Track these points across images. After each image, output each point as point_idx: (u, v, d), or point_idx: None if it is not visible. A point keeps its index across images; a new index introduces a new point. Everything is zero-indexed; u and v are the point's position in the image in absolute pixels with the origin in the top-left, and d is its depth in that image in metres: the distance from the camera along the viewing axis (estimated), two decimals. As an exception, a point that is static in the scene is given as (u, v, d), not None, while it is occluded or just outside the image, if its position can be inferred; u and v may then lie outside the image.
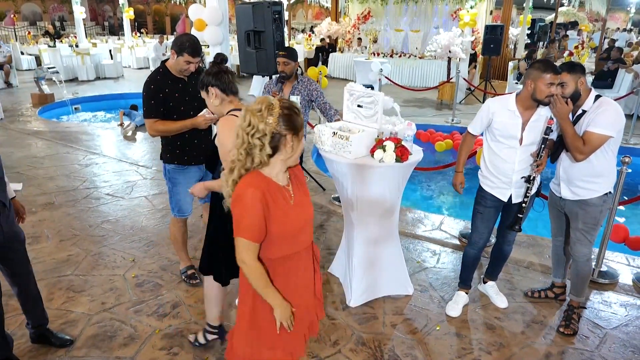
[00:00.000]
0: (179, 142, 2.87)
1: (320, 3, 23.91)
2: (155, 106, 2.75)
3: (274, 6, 4.29)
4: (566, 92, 2.53)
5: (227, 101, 2.20)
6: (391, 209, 2.91)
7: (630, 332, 2.80)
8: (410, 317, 2.88)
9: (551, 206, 2.93)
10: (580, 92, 2.55)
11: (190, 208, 3.12)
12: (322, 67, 10.38)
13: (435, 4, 13.43)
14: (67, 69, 12.64)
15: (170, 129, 2.80)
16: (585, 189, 2.62)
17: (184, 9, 24.30)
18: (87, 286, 3.15)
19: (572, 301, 2.85)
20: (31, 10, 23.52)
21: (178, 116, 2.81)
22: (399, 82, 11.34)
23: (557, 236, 2.99)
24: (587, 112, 2.54)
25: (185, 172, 2.95)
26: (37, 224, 4.06)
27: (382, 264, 3.01)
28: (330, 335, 2.70)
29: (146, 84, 2.77)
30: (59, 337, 2.59)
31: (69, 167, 5.63)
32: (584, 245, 2.72)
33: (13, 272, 2.38)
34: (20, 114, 8.58)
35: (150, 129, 2.81)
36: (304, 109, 3.36)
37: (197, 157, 2.93)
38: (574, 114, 2.60)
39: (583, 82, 2.55)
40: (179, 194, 3.00)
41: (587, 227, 2.69)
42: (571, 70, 2.54)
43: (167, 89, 2.76)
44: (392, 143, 2.63)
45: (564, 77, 2.53)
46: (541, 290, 3.13)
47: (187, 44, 2.69)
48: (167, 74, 2.79)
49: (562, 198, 2.75)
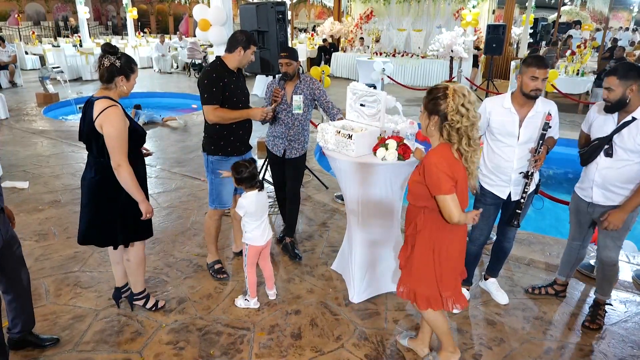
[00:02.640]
0: (225, 132, 3.03)
1: (322, 2, 23.93)
2: (217, 93, 2.93)
3: (277, 6, 4.33)
4: (610, 97, 2.47)
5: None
6: (393, 207, 2.96)
7: (629, 328, 2.83)
8: (411, 313, 2.92)
9: (575, 211, 2.89)
10: (629, 99, 2.44)
11: (230, 200, 3.22)
12: (324, 66, 10.41)
13: (438, 3, 13.43)
14: (71, 68, 12.73)
15: (230, 117, 2.99)
16: (619, 194, 2.59)
17: (187, 9, 24.36)
18: (93, 282, 3.20)
19: (598, 299, 2.88)
20: (35, 10, 23.63)
21: (229, 106, 3.00)
22: (402, 81, 11.36)
23: (575, 240, 2.97)
24: (638, 121, 2.46)
25: (228, 163, 3.06)
26: (44, 222, 4.12)
27: (384, 261, 3.05)
28: (333, 331, 2.75)
29: (207, 72, 2.94)
30: (44, 339, 2.57)
31: (74, 165, 5.70)
32: (612, 250, 2.72)
33: (10, 277, 2.33)
34: (26, 113, 8.66)
35: (211, 115, 2.95)
36: (307, 108, 3.40)
37: (239, 148, 3.13)
38: (620, 121, 2.53)
39: (634, 89, 2.42)
40: (221, 184, 3.12)
41: (618, 233, 2.67)
42: (622, 76, 2.41)
43: (225, 79, 2.95)
44: (394, 141, 2.67)
45: (611, 82, 2.45)
46: (542, 287, 3.16)
47: (249, 36, 3.00)
48: (224, 65, 2.98)
49: (592, 203, 2.70)
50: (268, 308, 2.96)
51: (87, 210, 2.53)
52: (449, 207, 1.97)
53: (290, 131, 3.43)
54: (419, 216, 2.12)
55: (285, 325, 2.79)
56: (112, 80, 2.39)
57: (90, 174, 2.50)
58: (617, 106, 2.49)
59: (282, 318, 2.86)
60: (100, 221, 2.53)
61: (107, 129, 2.33)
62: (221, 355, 2.53)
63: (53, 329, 2.71)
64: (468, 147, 1.96)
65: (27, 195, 4.74)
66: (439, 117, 1.96)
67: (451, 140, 1.97)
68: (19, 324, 2.46)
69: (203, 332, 2.72)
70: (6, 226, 2.26)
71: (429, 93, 2.01)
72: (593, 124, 2.69)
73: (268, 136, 3.59)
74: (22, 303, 2.43)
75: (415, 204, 2.14)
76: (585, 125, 2.79)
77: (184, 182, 5.16)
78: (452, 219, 1.99)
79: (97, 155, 2.43)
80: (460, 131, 1.94)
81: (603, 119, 2.61)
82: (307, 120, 3.49)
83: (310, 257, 3.60)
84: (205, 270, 3.38)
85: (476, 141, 1.99)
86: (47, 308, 2.90)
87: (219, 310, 2.93)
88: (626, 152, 2.52)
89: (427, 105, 2.00)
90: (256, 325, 2.79)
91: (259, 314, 2.89)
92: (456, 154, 1.98)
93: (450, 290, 2.19)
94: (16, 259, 2.35)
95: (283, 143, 3.48)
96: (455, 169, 1.97)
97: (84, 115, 2.42)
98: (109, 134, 2.33)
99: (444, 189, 1.95)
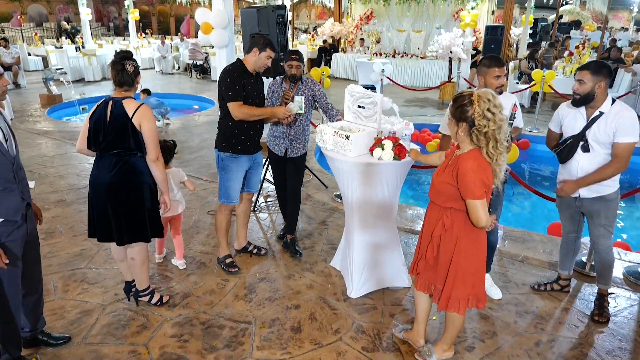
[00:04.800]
0: (236, 130, 3.15)
1: (323, 3, 24.03)
2: (240, 91, 3.06)
3: (278, 10, 4.43)
4: (580, 90, 2.64)
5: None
6: (390, 205, 3.06)
7: (618, 322, 2.93)
8: (408, 308, 3.02)
9: (563, 207, 3.03)
10: (596, 94, 2.62)
11: (237, 196, 3.36)
12: (324, 67, 10.51)
13: (437, 4, 13.52)
14: (74, 69, 12.84)
15: (255, 113, 3.13)
16: (603, 185, 2.73)
17: (188, 10, 24.48)
18: (100, 278, 3.31)
19: (601, 290, 2.98)
20: (37, 11, 23.78)
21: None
22: (402, 82, 11.46)
23: (569, 232, 3.09)
24: (605, 115, 2.62)
25: (237, 160, 3.22)
26: (51, 220, 4.22)
27: (381, 257, 3.15)
28: (332, 324, 2.85)
29: (229, 71, 3.07)
30: (56, 337, 2.62)
31: (78, 165, 5.81)
32: (606, 238, 2.86)
33: (26, 274, 2.35)
34: (30, 114, 8.77)
35: (237, 111, 3.06)
36: (308, 109, 3.50)
37: (249, 148, 3.25)
38: (590, 116, 2.68)
39: (602, 85, 2.60)
40: (230, 180, 3.26)
41: (608, 220, 2.82)
42: (594, 72, 2.59)
43: (244, 79, 3.09)
44: (390, 142, 2.78)
45: (584, 75, 2.61)
46: (547, 284, 3.25)
47: (268, 40, 3.10)
48: (243, 67, 3.12)
49: (578, 198, 2.84)
50: (269, 303, 3.06)
51: (109, 210, 2.60)
52: (478, 211, 2.04)
53: (291, 131, 3.53)
54: (446, 216, 2.18)
55: (285, 319, 2.89)
56: (134, 81, 2.56)
57: (107, 173, 2.55)
58: (584, 100, 2.65)
59: (282, 312, 2.96)
60: (130, 220, 2.63)
61: (146, 125, 2.51)
62: (224, 348, 2.64)
63: (62, 322, 2.82)
64: (495, 150, 2.04)
65: (33, 194, 4.77)
66: (467, 123, 2.04)
67: (480, 144, 2.05)
68: (29, 323, 2.51)
69: (206, 325, 2.82)
70: (32, 222, 2.36)
71: (455, 101, 2.09)
72: (564, 122, 2.84)
73: (269, 136, 3.69)
74: (34, 302, 2.49)
75: (441, 204, 2.20)
76: (555, 125, 2.93)
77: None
78: (480, 223, 2.07)
79: (135, 149, 2.55)
80: (487, 135, 2.02)
81: (573, 116, 2.77)
82: (307, 121, 3.60)
83: (310, 254, 3.70)
84: (208, 267, 3.48)
85: (503, 144, 2.07)
86: (55, 303, 3.01)
87: (221, 305, 3.03)
88: (600, 145, 2.67)
89: (455, 113, 2.08)
90: (257, 319, 2.89)
91: (260, 309, 2.99)
92: (486, 157, 2.07)
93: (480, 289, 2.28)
94: (34, 257, 2.43)
95: (284, 143, 3.57)
96: (489, 175, 2.06)
97: (107, 115, 2.50)
98: (150, 129, 2.52)
99: (477, 194, 2.02)
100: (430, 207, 2.31)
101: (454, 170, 2.11)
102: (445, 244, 2.22)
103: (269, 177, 5.08)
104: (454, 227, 2.18)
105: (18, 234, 2.20)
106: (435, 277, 2.31)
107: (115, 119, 2.50)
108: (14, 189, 2.17)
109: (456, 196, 2.11)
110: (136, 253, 2.79)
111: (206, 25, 5.72)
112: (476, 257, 2.22)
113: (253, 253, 3.66)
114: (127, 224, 2.63)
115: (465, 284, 2.22)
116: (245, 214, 3.59)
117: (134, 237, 2.69)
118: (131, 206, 2.62)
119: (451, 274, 2.22)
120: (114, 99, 2.54)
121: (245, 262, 3.56)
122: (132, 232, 2.66)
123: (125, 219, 2.62)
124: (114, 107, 2.51)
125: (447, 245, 2.21)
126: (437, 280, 2.31)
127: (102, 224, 2.66)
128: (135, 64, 2.58)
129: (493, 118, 2.00)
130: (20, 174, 2.23)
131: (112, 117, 2.50)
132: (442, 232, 2.21)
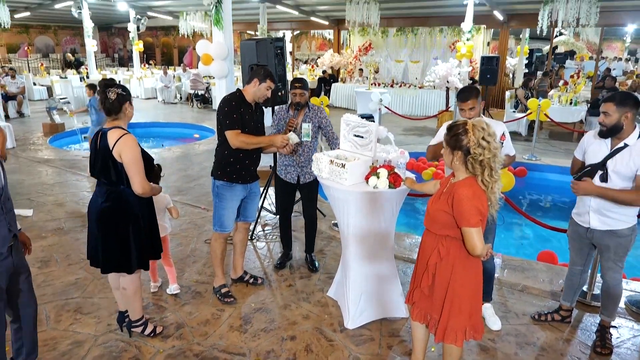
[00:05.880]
0: (231, 159, 3.17)
1: (323, 35, 24.62)
2: (237, 119, 3.09)
3: (276, 42, 4.54)
4: (606, 122, 2.62)
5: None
6: (387, 233, 3.04)
7: (621, 353, 2.86)
8: (406, 339, 2.96)
9: (573, 238, 2.99)
10: (623, 126, 2.58)
11: (232, 225, 3.35)
12: (324, 97, 10.70)
13: (434, 35, 13.88)
14: (78, 99, 13.07)
15: (252, 142, 3.14)
16: (615, 219, 2.69)
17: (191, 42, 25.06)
18: (93, 308, 3.26)
19: (604, 321, 2.93)
20: (44, 42, 24.35)
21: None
22: (400, 111, 11.61)
23: (576, 265, 3.05)
24: (630, 147, 2.59)
25: (232, 189, 3.22)
26: (47, 249, 4.20)
27: (378, 287, 3.12)
28: (328, 356, 2.79)
29: (227, 101, 3.12)
30: None
31: (77, 194, 5.81)
32: (616, 272, 2.81)
33: (18, 305, 2.33)
34: (32, 142, 8.86)
35: (234, 140, 3.09)
36: (314, 135, 3.59)
37: (245, 177, 3.25)
38: (613, 147, 2.66)
39: (629, 116, 2.56)
40: (224, 209, 3.25)
41: (618, 256, 2.77)
42: (619, 103, 2.56)
43: (242, 109, 3.13)
44: (386, 170, 2.79)
45: (609, 107, 2.59)
46: (548, 314, 3.19)
47: (268, 72, 3.15)
48: (242, 97, 3.16)
49: (589, 229, 2.81)
50: (264, 334, 3.00)
51: (98, 237, 2.63)
52: (474, 240, 2.03)
53: (300, 158, 3.61)
54: (442, 244, 2.17)
55: (280, 351, 2.83)
56: (121, 109, 2.56)
57: (99, 200, 2.60)
58: (611, 131, 2.63)
59: (277, 344, 2.90)
60: (113, 247, 2.62)
61: (125, 156, 2.48)
62: (217, 381, 2.57)
63: (53, 354, 2.76)
64: (490, 178, 2.06)
65: (31, 222, 4.84)
66: (462, 152, 2.06)
67: (475, 172, 2.07)
68: (23, 353, 2.46)
69: (200, 357, 2.76)
70: (19, 253, 2.30)
71: (449, 130, 2.12)
72: (587, 151, 2.82)
73: (279, 166, 3.76)
74: (28, 333, 2.44)
75: (436, 232, 2.20)
76: (579, 153, 2.91)
77: (185, 210, 5.26)
78: (475, 251, 2.05)
79: (116, 182, 2.55)
80: (483, 163, 2.04)
81: (598, 145, 2.75)
82: (314, 147, 3.67)
83: (306, 284, 3.66)
84: (204, 297, 3.43)
85: (498, 172, 2.09)
86: (47, 333, 2.95)
87: (216, 336, 2.97)
88: (619, 177, 2.63)
89: (449, 141, 2.11)
90: (252, 350, 2.83)
91: (255, 340, 2.94)
92: (482, 185, 2.08)
93: (477, 319, 2.24)
94: (26, 288, 2.38)
95: (296, 170, 3.65)
96: (484, 203, 2.06)
97: (96, 146, 2.55)
98: (129, 159, 2.49)
99: (473, 222, 2.02)
100: (425, 235, 2.30)
101: (449, 197, 2.12)
102: (441, 273, 2.20)
103: (267, 205, 5.08)
104: (450, 255, 2.16)
105: (3, 266, 2.14)
106: (431, 307, 2.28)
107: (100, 150, 2.52)
108: (1, 220, 2.12)
109: (452, 224, 2.11)
110: (128, 283, 2.76)
111: (206, 56, 5.86)
112: (472, 285, 2.20)
113: (249, 282, 3.62)
114: (110, 253, 2.62)
115: (462, 314, 2.18)
116: (242, 242, 3.57)
117: (117, 267, 2.67)
118: (117, 236, 2.61)
119: (447, 303, 2.19)
120: (103, 129, 2.56)
121: (241, 292, 3.52)
122: (114, 261, 2.64)
123: (110, 248, 2.61)
124: (101, 138, 2.53)
125: (443, 274, 2.19)
126: (433, 310, 2.27)
127: (93, 249, 2.66)
128: (120, 91, 2.54)
129: (488, 146, 2.03)
130: (8, 205, 2.18)
131: (99, 148, 2.53)
132: (437, 260, 2.20)
